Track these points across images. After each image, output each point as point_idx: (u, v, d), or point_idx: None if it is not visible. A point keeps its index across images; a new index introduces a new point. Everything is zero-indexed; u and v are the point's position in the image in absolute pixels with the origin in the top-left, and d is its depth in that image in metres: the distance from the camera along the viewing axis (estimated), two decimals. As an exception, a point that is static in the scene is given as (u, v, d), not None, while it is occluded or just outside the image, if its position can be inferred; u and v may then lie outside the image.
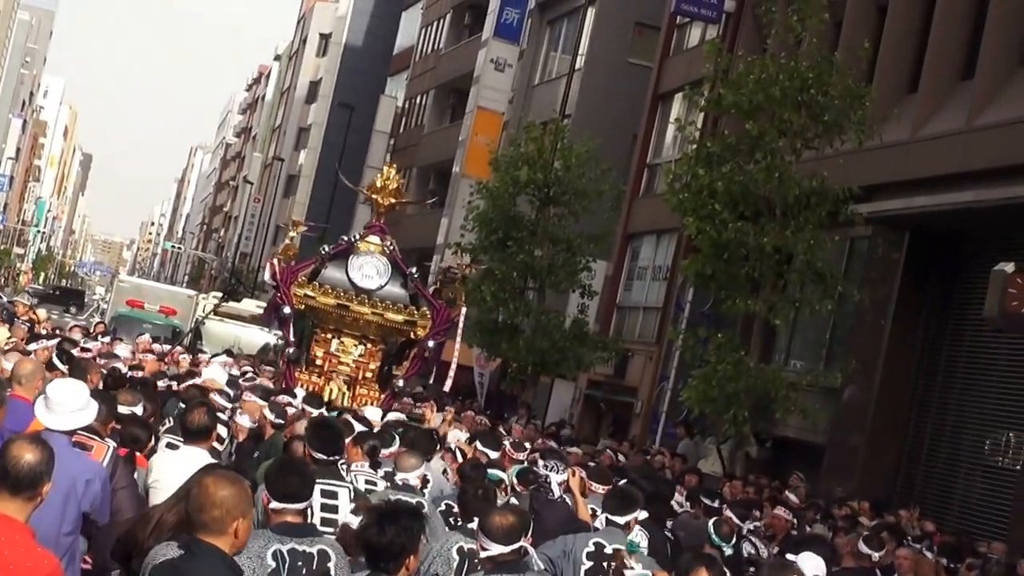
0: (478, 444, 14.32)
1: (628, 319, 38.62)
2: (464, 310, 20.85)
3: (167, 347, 28.32)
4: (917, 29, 26.65)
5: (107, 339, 26.39)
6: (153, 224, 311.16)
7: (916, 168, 24.80)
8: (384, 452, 11.96)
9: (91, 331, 28.85)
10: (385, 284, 20.44)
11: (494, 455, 13.84)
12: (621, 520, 10.06)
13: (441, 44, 64.32)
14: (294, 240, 21.39)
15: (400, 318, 20.36)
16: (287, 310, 20.16)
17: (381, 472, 11.37)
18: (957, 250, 25.14)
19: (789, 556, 9.90)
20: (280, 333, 22.69)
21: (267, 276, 21.62)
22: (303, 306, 20.37)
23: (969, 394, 24.88)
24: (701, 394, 22.99)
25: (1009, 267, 20.03)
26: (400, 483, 10.43)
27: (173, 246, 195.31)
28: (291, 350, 20.46)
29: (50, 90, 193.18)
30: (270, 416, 14.00)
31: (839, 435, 26.46)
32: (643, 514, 10.62)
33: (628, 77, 42.84)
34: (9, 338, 18.44)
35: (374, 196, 21.10)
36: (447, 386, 23.14)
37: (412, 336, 20.58)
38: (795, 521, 16.29)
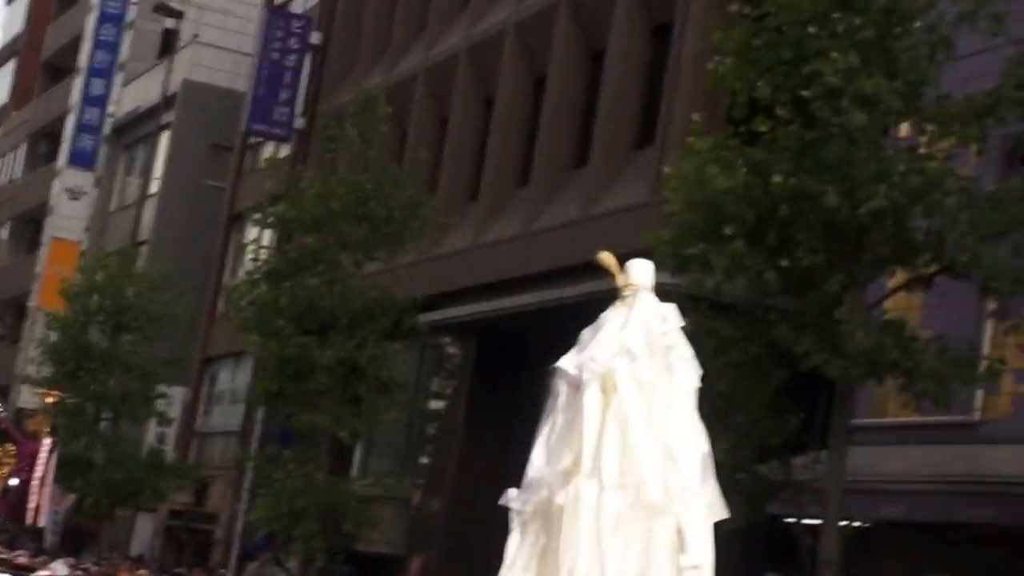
0: None
1: (208, 445, 37.86)
2: (47, 442, 19.37)
3: None
4: (475, 139, 27.03)
5: None
6: None
7: (479, 274, 25.01)
8: None
9: None
10: None
11: None
12: None
13: (18, 174, 62.46)
14: None
15: None
16: None
17: None
18: (522, 352, 25.34)
19: None
20: None
21: None
22: None
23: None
24: (269, 512, 22.47)
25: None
26: None
27: None
28: None
29: None
30: None
31: (416, 546, 26.18)
32: None
33: (207, 199, 42.17)
34: None
35: None
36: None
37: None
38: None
